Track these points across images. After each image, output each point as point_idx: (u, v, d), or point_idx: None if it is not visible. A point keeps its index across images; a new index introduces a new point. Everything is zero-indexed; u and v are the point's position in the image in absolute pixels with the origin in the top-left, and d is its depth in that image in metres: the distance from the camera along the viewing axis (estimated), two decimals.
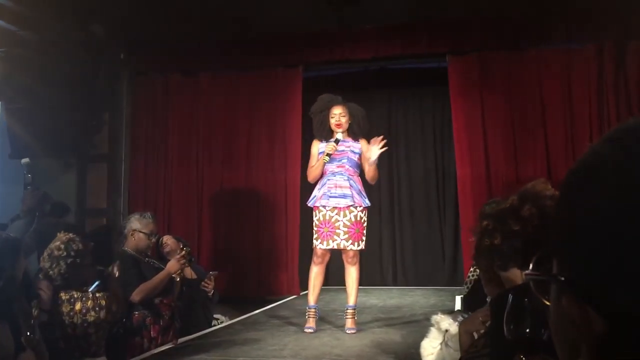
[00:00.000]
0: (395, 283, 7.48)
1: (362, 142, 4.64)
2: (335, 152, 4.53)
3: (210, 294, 4.98)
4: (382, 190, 7.69)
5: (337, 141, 4.52)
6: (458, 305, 4.51)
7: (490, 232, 1.69)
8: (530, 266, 0.68)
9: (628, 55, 6.08)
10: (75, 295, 3.46)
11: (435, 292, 6.59)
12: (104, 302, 3.51)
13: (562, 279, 0.59)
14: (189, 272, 4.97)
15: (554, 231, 0.63)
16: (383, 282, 7.50)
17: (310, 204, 4.64)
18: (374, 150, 4.51)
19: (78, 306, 3.43)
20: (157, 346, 4.02)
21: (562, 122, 6.23)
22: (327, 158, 4.49)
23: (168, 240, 5.08)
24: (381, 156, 7.54)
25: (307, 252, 5.76)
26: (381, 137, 4.58)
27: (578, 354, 0.59)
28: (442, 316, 3.34)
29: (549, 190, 1.69)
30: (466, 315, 3.40)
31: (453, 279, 7.17)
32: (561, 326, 0.61)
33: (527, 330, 1.14)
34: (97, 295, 3.51)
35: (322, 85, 6.61)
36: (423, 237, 7.57)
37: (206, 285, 4.97)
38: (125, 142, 7.03)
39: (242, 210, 6.86)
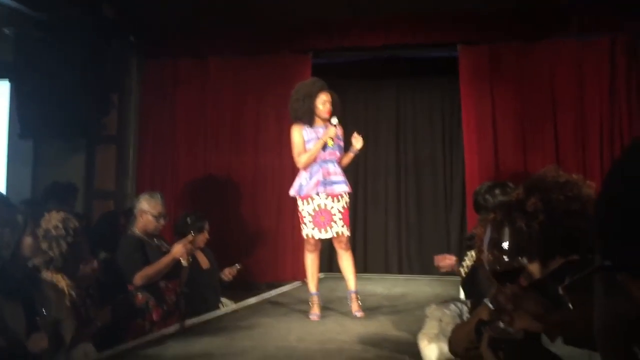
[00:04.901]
0: (400, 271, 7.49)
1: (340, 129, 4.64)
2: (328, 140, 4.53)
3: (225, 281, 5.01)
4: (389, 179, 7.69)
5: (334, 125, 4.51)
6: (463, 295, 4.52)
7: (497, 224, 1.67)
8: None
9: None
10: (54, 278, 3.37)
11: (440, 281, 6.60)
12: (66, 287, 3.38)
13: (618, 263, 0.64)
14: (204, 261, 4.97)
15: (602, 219, 0.67)
16: (388, 271, 7.50)
17: (300, 193, 4.58)
18: (360, 140, 4.56)
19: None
20: (158, 330, 4.01)
21: (572, 114, 6.20)
22: (331, 142, 4.48)
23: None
24: (388, 144, 7.65)
25: None
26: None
27: (633, 342, 0.61)
28: (435, 306, 3.37)
29: (562, 177, 1.65)
30: (459, 305, 3.42)
31: (458, 268, 7.17)
32: (617, 315, 0.63)
33: None
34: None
35: (331, 72, 6.59)
36: (429, 226, 7.56)
37: (228, 275, 4.99)
38: (133, 125, 7.05)
39: (249, 195, 6.87)
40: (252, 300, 5.33)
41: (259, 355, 3.37)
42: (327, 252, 6.35)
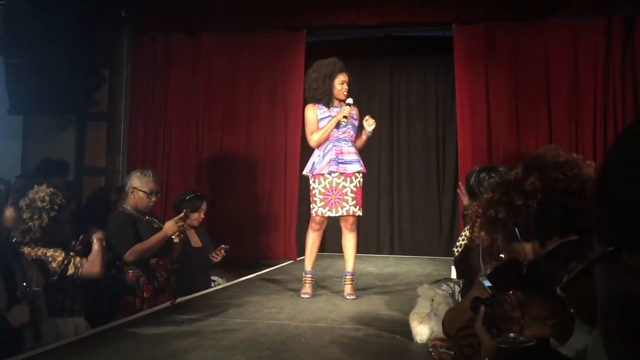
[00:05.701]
0: (391, 252, 7.51)
1: (356, 109, 4.62)
2: (341, 119, 4.51)
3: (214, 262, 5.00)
4: (382, 159, 7.68)
5: (348, 105, 4.50)
6: (454, 275, 4.53)
7: (495, 204, 1.65)
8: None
9: (636, 31, 6.02)
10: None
11: (431, 261, 6.63)
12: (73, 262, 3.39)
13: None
14: (195, 240, 4.96)
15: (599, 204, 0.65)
16: (379, 251, 7.52)
17: (313, 172, 4.55)
18: (371, 123, 4.53)
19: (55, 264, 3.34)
20: (149, 307, 3.99)
21: (567, 96, 6.19)
22: (344, 121, 4.46)
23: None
24: (382, 124, 7.61)
25: (304, 217, 5.77)
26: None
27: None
28: (427, 286, 3.37)
29: (561, 157, 1.63)
30: (451, 284, 3.43)
31: (449, 249, 7.19)
32: (623, 298, 0.61)
33: None
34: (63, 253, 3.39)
35: (325, 50, 6.53)
36: (421, 206, 7.57)
37: (216, 256, 4.97)
38: (124, 101, 6.98)
39: (241, 173, 6.84)
40: (243, 278, 5.33)
41: (249, 332, 3.37)
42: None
